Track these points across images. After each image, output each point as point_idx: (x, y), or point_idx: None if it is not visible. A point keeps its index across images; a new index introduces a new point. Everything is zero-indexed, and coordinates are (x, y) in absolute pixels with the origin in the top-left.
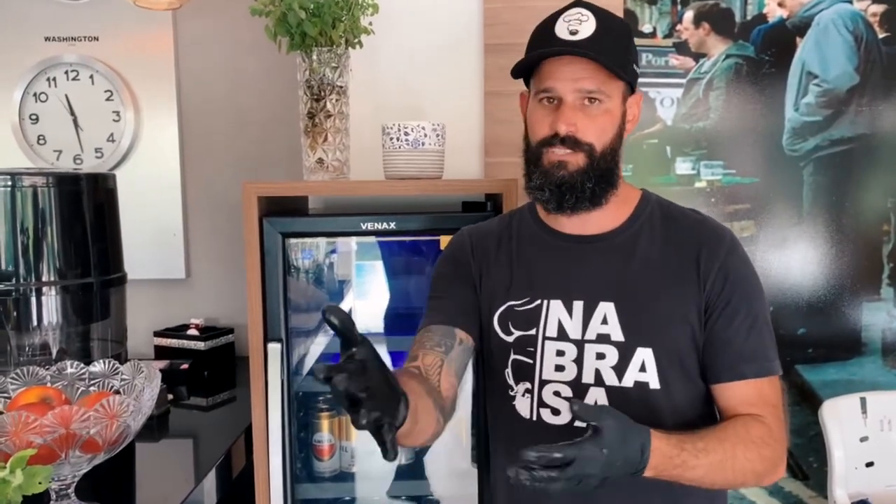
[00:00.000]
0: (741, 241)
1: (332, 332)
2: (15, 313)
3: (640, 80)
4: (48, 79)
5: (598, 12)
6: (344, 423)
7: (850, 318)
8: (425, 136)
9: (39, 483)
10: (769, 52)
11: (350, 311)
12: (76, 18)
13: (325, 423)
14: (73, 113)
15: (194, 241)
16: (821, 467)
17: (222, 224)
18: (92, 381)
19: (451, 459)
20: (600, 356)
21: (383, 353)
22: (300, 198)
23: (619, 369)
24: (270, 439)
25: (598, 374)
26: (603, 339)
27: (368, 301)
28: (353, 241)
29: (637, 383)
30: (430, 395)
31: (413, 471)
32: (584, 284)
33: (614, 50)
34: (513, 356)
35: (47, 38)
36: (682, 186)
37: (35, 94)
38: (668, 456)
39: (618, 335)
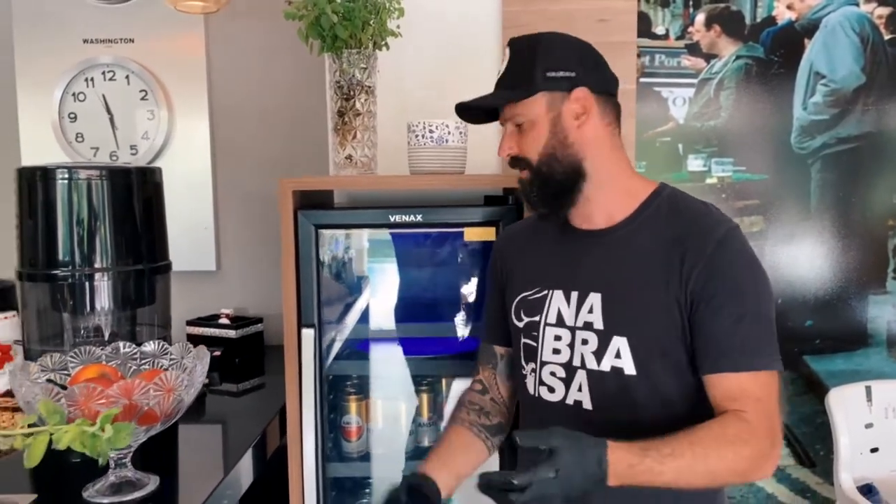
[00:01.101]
0: (750, 236)
1: (355, 319)
2: (71, 299)
3: (653, 79)
4: (86, 79)
5: (514, 44)
6: (370, 405)
7: (857, 310)
8: (449, 133)
9: (124, 437)
10: (778, 53)
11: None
12: (112, 21)
13: (353, 406)
14: (109, 112)
15: (224, 234)
16: (827, 455)
17: (251, 218)
18: (143, 361)
19: None
20: (584, 342)
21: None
22: (326, 192)
23: (598, 354)
24: (304, 420)
25: (582, 357)
26: (588, 326)
27: (393, 291)
28: (379, 233)
29: (613, 368)
30: (478, 431)
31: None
32: (581, 276)
33: (517, 75)
34: (523, 339)
35: (85, 41)
36: (693, 183)
37: (74, 94)
38: (629, 464)
39: (599, 324)
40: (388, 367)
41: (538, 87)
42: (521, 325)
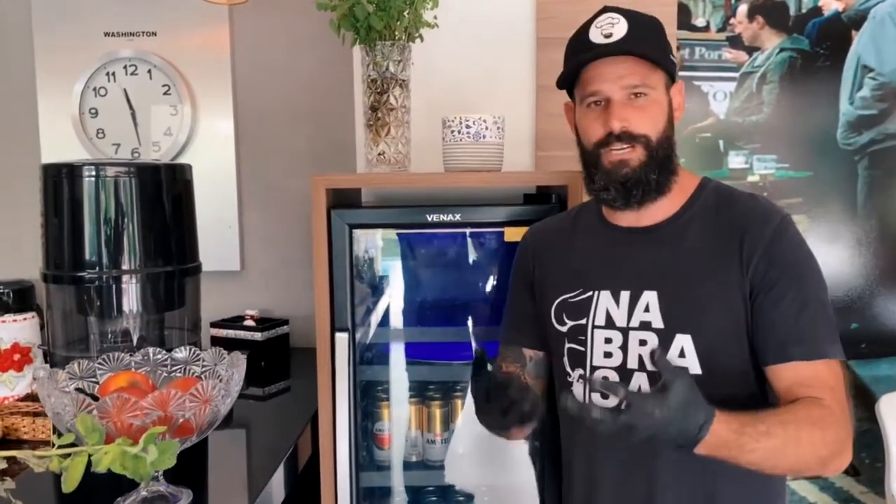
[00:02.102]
0: None
1: (386, 321)
2: (98, 303)
3: (693, 73)
4: (107, 73)
5: (628, 13)
6: (404, 411)
7: None
8: (486, 128)
9: (168, 459)
10: (824, 45)
11: (409, 301)
12: (134, 14)
13: (385, 412)
14: (131, 107)
15: (248, 233)
16: (873, 463)
17: (277, 217)
18: (174, 367)
19: (506, 447)
20: (643, 342)
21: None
22: (354, 190)
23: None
24: (338, 427)
25: (640, 359)
26: (645, 326)
27: (425, 293)
28: (410, 232)
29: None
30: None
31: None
32: (631, 275)
33: (649, 43)
34: (567, 344)
35: (107, 34)
36: (734, 180)
37: (95, 89)
38: (724, 440)
39: (658, 322)
40: (423, 371)
41: (669, 65)
42: (564, 329)
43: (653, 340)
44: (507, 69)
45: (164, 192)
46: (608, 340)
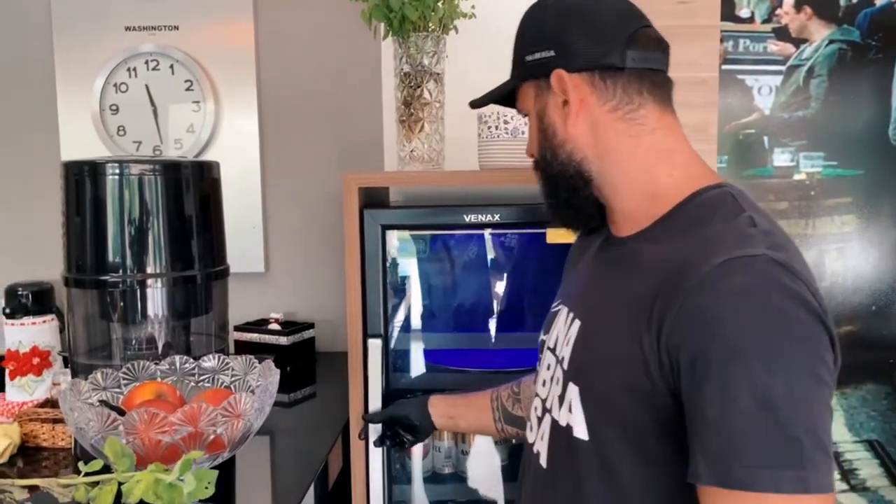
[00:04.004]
0: (841, 236)
1: (418, 327)
2: (122, 308)
3: (736, 66)
4: (129, 69)
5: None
6: None
7: None
8: (525, 124)
9: (206, 487)
10: (876, 37)
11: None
12: (156, 7)
13: None
14: (153, 103)
15: (273, 233)
16: None
17: (302, 217)
18: (201, 377)
19: None
20: (556, 381)
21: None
22: (382, 189)
23: (560, 401)
24: (370, 438)
25: (552, 400)
26: (561, 361)
27: (463, 295)
28: (443, 233)
29: (567, 424)
30: (496, 407)
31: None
32: (579, 294)
33: (512, 62)
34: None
35: (127, 28)
36: (779, 179)
37: (115, 85)
38: None
39: (566, 361)
40: (457, 380)
41: (521, 76)
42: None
43: (559, 382)
44: None
45: (192, 191)
46: (548, 367)
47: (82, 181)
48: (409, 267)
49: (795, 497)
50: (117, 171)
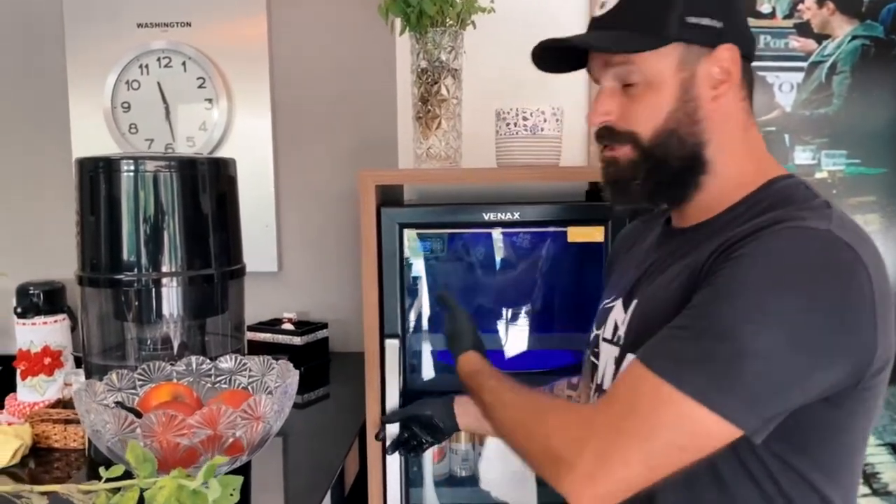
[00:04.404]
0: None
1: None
2: (137, 307)
3: (757, 63)
4: (140, 66)
5: None
6: None
7: None
8: (545, 121)
9: (231, 494)
10: None
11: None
12: (168, 4)
13: None
14: (165, 101)
15: (286, 232)
16: None
17: (315, 215)
18: (218, 377)
19: None
20: (615, 360)
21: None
22: (396, 187)
23: (616, 377)
24: (385, 442)
25: (610, 380)
26: (618, 340)
27: (482, 295)
28: (459, 231)
29: None
30: None
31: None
32: (637, 279)
33: (642, 14)
34: (588, 356)
35: (139, 25)
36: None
37: (127, 82)
38: (469, 371)
39: (622, 337)
40: None
41: (672, 35)
42: (589, 338)
43: (616, 359)
44: None
45: (208, 189)
46: (605, 356)
47: (97, 178)
48: (427, 266)
49: (689, 401)
50: (132, 167)
